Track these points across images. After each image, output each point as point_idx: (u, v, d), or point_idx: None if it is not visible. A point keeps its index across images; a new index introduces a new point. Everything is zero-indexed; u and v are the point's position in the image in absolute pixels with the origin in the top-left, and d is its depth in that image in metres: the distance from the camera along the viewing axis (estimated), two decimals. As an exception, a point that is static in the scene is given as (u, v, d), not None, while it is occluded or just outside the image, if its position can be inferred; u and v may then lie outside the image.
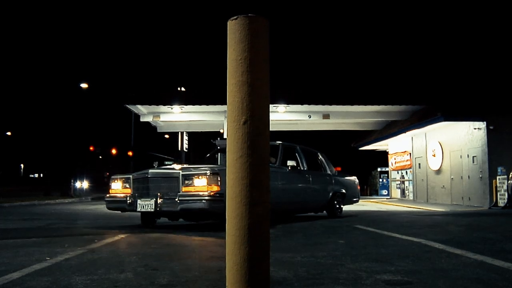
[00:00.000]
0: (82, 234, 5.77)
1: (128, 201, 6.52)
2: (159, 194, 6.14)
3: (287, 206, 7.70)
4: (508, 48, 28.78)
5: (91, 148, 48.87)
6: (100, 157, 58.94)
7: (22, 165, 62.68)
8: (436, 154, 17.00)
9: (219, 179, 5.82)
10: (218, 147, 14.57)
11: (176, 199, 5.95)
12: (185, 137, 28.23)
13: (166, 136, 37.57)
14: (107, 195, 7.04)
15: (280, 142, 8.07)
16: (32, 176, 61.46)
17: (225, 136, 16.75)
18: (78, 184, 23.87)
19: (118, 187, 6.87)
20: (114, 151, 47.88)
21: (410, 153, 19.82)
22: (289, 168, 7.60)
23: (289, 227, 6.63)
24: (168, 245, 4.76)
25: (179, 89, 23.66)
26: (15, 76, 61.63)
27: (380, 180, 27.19)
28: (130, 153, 36.88)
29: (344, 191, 9.59)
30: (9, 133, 52.96)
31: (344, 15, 60.80)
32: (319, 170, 9.37)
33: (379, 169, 27.53)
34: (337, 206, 9.23)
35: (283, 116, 18.14)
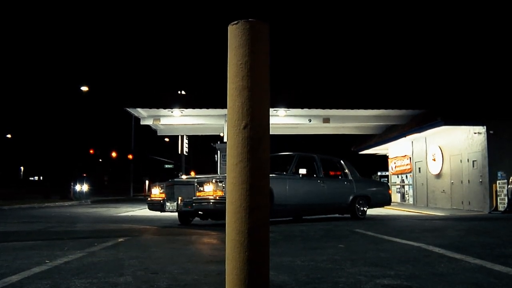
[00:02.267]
0: (81, 237, 5.78)
1: (161, 203, 8.00)
2: (180, 198, 7.63)
3: (298, 208, 8.74)
4: (508, 52, 28.81)
5: (91, 151, 48.95)
6: (100, 160, 58.93)
7: (22, 168, 62.59)
8: (436, 158, 16.99)
9: (223, 186, 7.16)
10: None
11: (191, 201, 7.44)
12: (185, 141, 28.26)
13: (166, 139, 37.60)
14: (149, 198, 8.55)
15: (297, 153, 9.01)
16: (32, 179, 61.24)
17: (225, 140, 16.75)
18: (78, 187, 23.80)
19: (156, 192, 8.33)
20: (114, 154, 47.81)
21: (410, 157, 19.80)
22: (301, 175, 8.56)
23: (289, 231, 6.63)
24: (168, 249, 4.77)
25: (179, 92, 23.66)
26: (15, 79, 61.66)
27: (380, 184, 27.12)
28: (130, 156, 36.93)
29: (368, 195, 9.96)
30: (9, 136, 52.96)
31: (344, 19, 60.96)
32: (340, 176, 10.03)
33: (379, 173, 27.49)
34: (361, 208, 9.66)
35: (283, 120, 18.14)
